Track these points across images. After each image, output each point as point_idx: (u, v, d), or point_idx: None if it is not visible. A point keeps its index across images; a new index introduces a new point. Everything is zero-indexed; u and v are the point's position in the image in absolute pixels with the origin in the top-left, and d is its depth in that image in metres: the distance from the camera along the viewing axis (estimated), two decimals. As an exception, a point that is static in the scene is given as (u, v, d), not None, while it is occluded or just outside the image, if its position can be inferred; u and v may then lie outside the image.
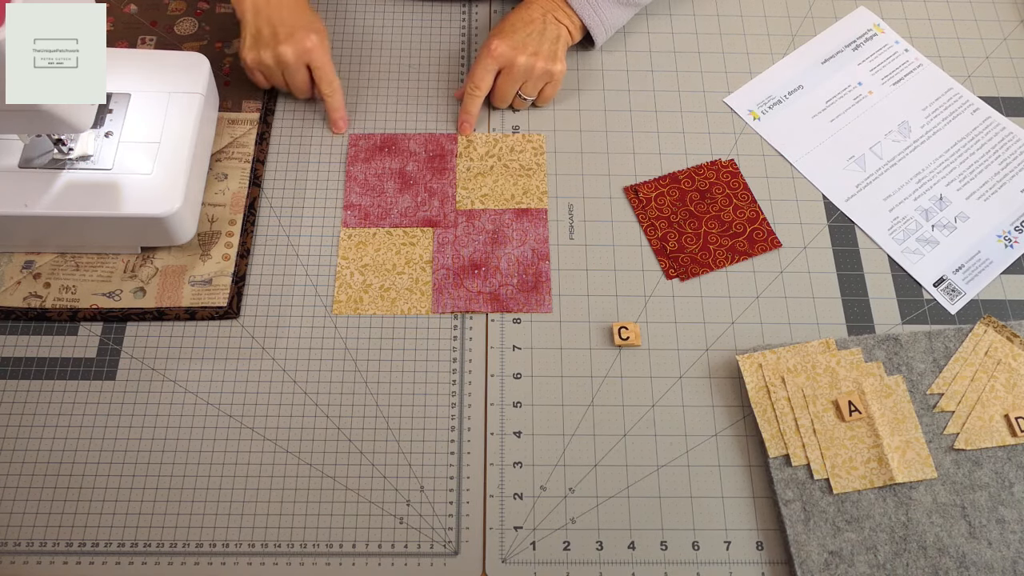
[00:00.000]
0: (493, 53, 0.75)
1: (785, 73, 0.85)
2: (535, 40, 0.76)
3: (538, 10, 0.77)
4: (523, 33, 0.76)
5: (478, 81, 0.76)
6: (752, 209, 0.77)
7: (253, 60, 0.76)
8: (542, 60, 0.76)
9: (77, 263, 0.72)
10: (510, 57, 0.75)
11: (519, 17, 0.77)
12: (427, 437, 0.67)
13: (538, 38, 0.76)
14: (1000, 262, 0.75)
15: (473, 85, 0.77)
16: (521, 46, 0.75)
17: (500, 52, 0.75)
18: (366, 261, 0.74)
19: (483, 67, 0.76)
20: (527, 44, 0.76)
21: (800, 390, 0.67)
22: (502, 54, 0.75)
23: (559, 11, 0.78)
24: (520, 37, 0.76)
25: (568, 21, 0.78)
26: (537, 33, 0.76)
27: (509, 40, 0.75)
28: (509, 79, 0.77)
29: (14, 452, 0.66)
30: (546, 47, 0.76)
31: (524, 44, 0.76)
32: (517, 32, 0.76)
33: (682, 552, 0.63)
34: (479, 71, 0.76)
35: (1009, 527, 0.63)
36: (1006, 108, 0.83)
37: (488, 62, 0.76)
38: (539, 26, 0.77)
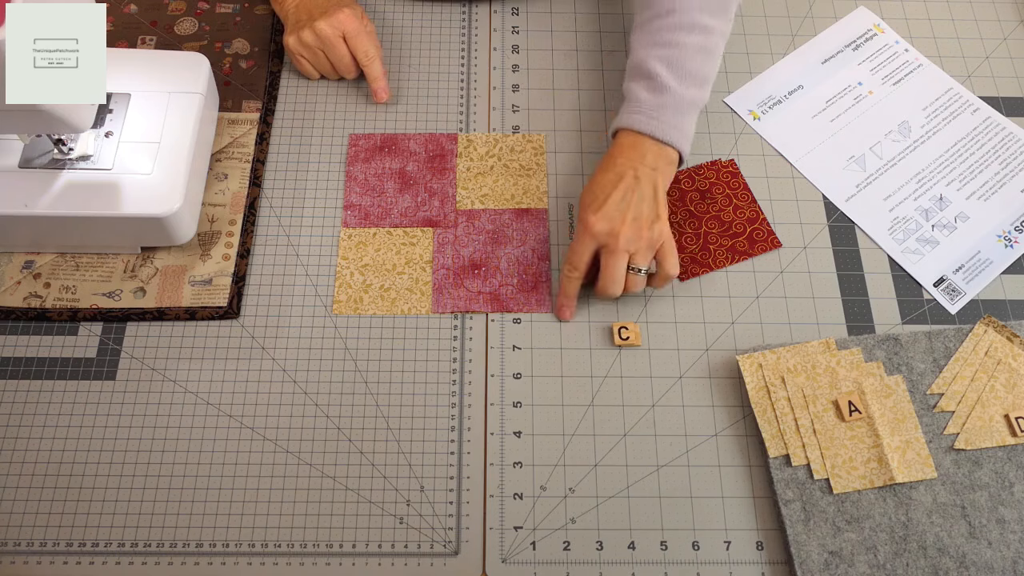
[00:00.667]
0: (591, 230, 0.66)
1: (785, 73, 0.85)
2: (634, 203, 0.67)
3: (625, 164, 0.69)
4: (616, 197, 0.67)
5: (576, 262, 0.68)
6: (752, 209, 0.77)
7: (294, 42, 0.78)
8: (646, 227, 0.66)
9: (77, 263, 0.72)
10: (610, 230, 0.66)
11: (606, 179, 0.68)
12: (427, 437, 0.67)
13: (636, 199, 0.67)
14: (1000, 262, 0.75)
15: (571, 267, 0.68)
16: (619, 216, 0.66)
17: (599, 228, 0.66)
18: (366, 261, 0.74)
19: (581, 245, 0.67)
20: (625, 210, 0.66)
21: (800, 390, 0.67)
22: (601, 230, 0.66)
23: (647, 155, 0.69)
24: (615, 204, 0.67)
25: (662, 162, 0.70)
26: (631, 192, 0.67)
27: (605, 211, 0.66)
28: (614, 258, 0.67)
29: (14, 452, 0.66)
30: (646, 209, 0.67)
31: (622, 212, 0.66)
32: (609, 198, 0.67)
33: (682, 552, 0.63)
34: (578, 251, 0.68)
35: (1009, 527, 0.63)
36: (1006, 108, 0.83)
37: (586, 240, 0.67)
38: (631, 183, 0.67)
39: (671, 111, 0.70)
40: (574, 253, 0.68)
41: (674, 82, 0.70)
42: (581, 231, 0.68)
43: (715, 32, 0.71)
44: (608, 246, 0.67)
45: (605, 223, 0.66)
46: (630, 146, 0.70)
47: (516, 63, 0.85)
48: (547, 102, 0.82)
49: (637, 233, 0.66)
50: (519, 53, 0.85)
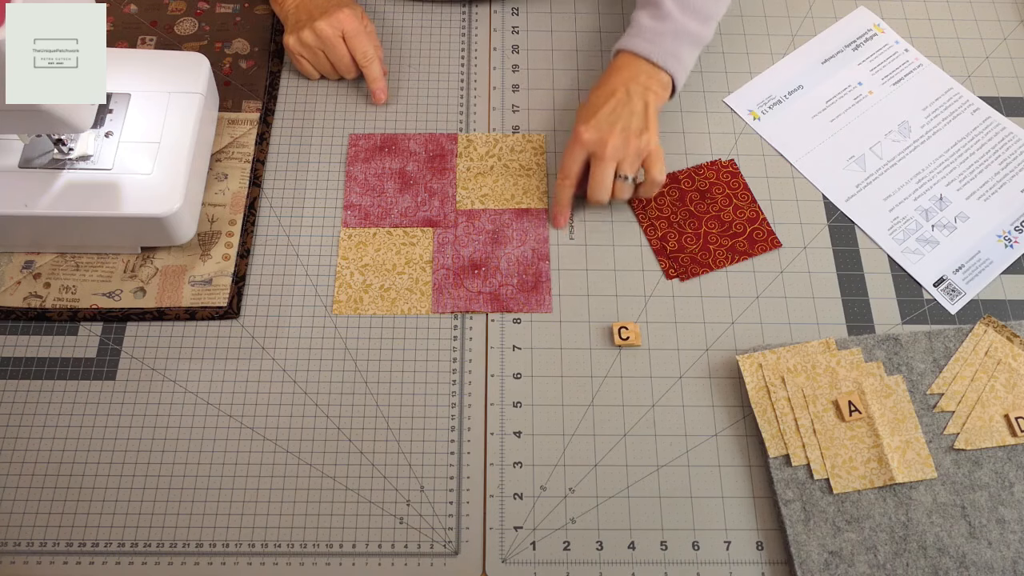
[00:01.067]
0: (580, 139, 0.70)
1: (785, 73, 0.85)
2: (623, 116, 0.70)
3: (618, 81, 0.72)
4: (607, 110, 0.71)
5: (567, 170, 0.72)
6: (752, 209, 0.77)
7: (294, 42, 0.79)
8: (633, 136, 0.70)
9: (77, 263, 0.72)
10: (599, 139, 0.70)
11: (599, 95, 0.72)
12: (427, 437, 0.67)
13: (626, 113, 0.70)
14: (1000, 262, 0.75)
15: (563, 175, 0.72)
16: (608, 126, 0.70)
17: (587, 137, 0.70)
18: (366, 261, 0.74)
19: (571, 155, 0.72)
20: (614, 121, 0.70)
21: (800, 390, 0.67)
22: (590, 139, 0.70)
23: (640, 75, 0.72)
24: (605, 116, 0.70)
25: (655, 83, 0.73)
26: (622, 106, 0.71)
27: (595, 122, 0.70)
28: (602, 164, 0.70)
29: (14, 452, 0.66)
30: (635, 122, 0.70)
31: (611, 123, 0.70)
32: (600, 110, 0.71)
33: (682, 552, 0.63)
34: (568, 160, 0.72)
35: (1009, 527, 0.63)
36: (1006, 108, 0.83)
37: (576, 149, 0.71)
38: (623, 97, 0.71)
39: (670, 37, 0.73)
40: (565, 161, 0.72)
41: (677, 11, 0.73)
42: (572, 140, 0.72)
43: None
44: (596, 154, 0.71)
45: (594, 132, 0.70)
46: (625, 66, 0.73)
47: (516, 63, 0.85)
48: (547, 102, 0.82)
49: (624, 142, 0.70)
50: (519, 53, 0.85)
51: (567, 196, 0.73)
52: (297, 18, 0.79)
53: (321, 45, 0.78)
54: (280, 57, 0.84)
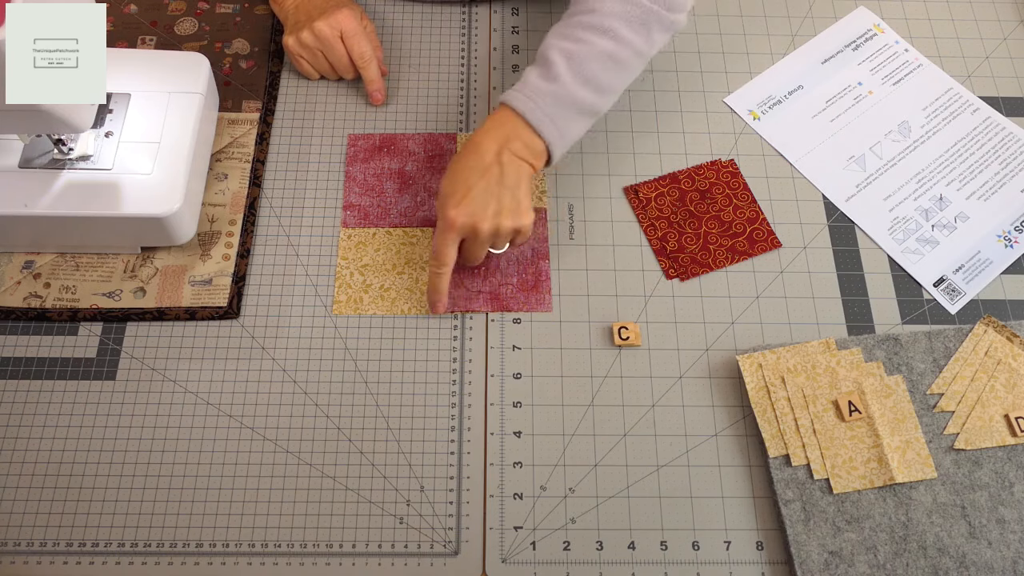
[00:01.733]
0: (454, 225, 0.65)
1: (785, 73, 0.85)
2: (495, 195, 0.66)
3: (491, 149, 0.66)
4: (480, 189, 0.65)
5: (444, 257, 0.66)
6: (752, 209, 0.77)
7: (293, 43, 0.79)
8: (508, 218, 0.66)
9: (77, 263, 0.72)
10: (472, 225, 0.65)
11: (471, 165, 0.66)
12: (427, 437, 0.67)
13: (498, 190, 0.66)
14: (1000, 262, 0.75)
15: (438, 263, 0.67)
16: (481, 209, 0.65)
17: (461, 223, 0.65)
18: (366, 261, 0.74)
19: (444, 241, 0.66)
20: (487, 203, 0.65)
21: (800, 390, 0.67)
22: (464, 224, 0.65)
23: (515, 140, 0.67)
24: (478, 195, 0.65)
25: (527, 151, 0.67)
26: (496, 183, 0.66)
27: (467, 205, 0.65)
28: (476, 244, 0.67)
29: (14, 452, 0.66)
30: (508, 200, 0.66)
31: (484, 205, 0.65)
32: (473, 189, 0.65)
33: (682, 552, 0.63)
34: (442, 246, 0.66)
35: (1009, 527, 0.63)
36: (1006, 108, 0.83)
37: (449, 235, 0.66)
38: (496, 173, 0.66)
39: (552, 100, 0.67)
40: (439, 248, 0.67)
41: (568, 75, 0.67)
42: (444, 226, 0.66)
43: (628, 45, 0.68)
44: (469, 237, 0.67)
45: (467, 217, 0.65)
46: (501, 123, 0.68)
47: (516, 63, 0.85)
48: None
49: (498, 224, 0.66)
50: (519, 53, 0.85)
51: (445, 284, 0.68)
52: (296, 19, 0.79)
53: (320, 46, 0.78)
54: (280, 57, 0.84)
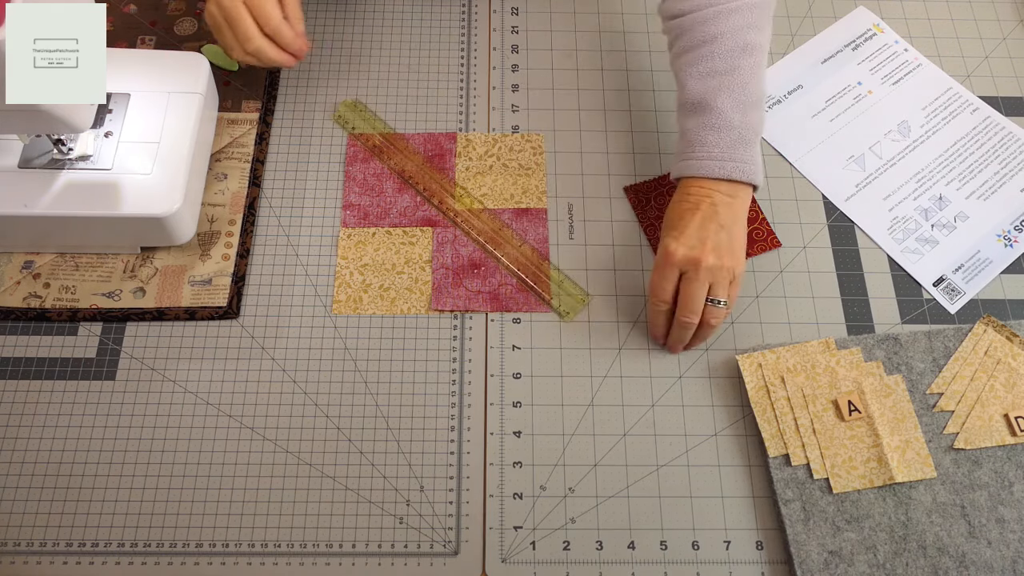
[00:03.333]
0: (673, 257, 0.64)
1: (785, 73, 0.85)
2: (712, 231, 0.64)
3: (700, 193, 0.66)
4: (696, 224, 0.65)
5: (662, 293, 0.65)
6: (752, 209, 0.77)
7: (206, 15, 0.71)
8: (726, 254, 0.64)
9: (77, 263, 0.72)
10: (691, 258, 0.64)
11: (683, 208, 0.66)
12: (427, 437, 0.67)
13: (714, 227, 0.64)
14: (1000, 262, 0.75)
15: (657, 298, 0.66)
16: (699, 242, 0.64)
17: (681, 255, 0.64)
18: (365, 261, 0.74)
19: (663, 275, 0.65)
20: (705, 239, 0.64)
21: (800, 390, 0.67)
22: (682, 257, 0.64)
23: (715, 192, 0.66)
24: (694, 231, 0.64)
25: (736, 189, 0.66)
26: (709, 220, 0.65)
27: (684, 238, 0.64)
28: (695, 284, 0.64)
29: (14, 452, 0.66)
30: (724, 237, 0.64)
31: (702, 239, 0.64)
32: (689, 225, 0.65)
33: (682, 552, 0.64)
34: (660, 280, 0.66)
35: (1009, 527, 0.63)
36: (1006, 108, 0.83)
37: (668, 268, 0.65)
38: (708, 211, 0.65)
39: (740, 146, 0.66)
40: (657, 282, 0.66)
41: (735, 113, 0.66)
42: (663, 259, 0.65)
43: (763, 49, 0.68)
44: (688, 273, 0.65)
45: (686, 249, 0.64)
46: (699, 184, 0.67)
47: (516, 63, 0.85)
48: (547, 102, 0.82)
49: (718, 260, 0.64)
50: (519, 53, 0.85)
51: (665, 321, 0.67)
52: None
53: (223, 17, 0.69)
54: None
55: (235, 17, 0.69)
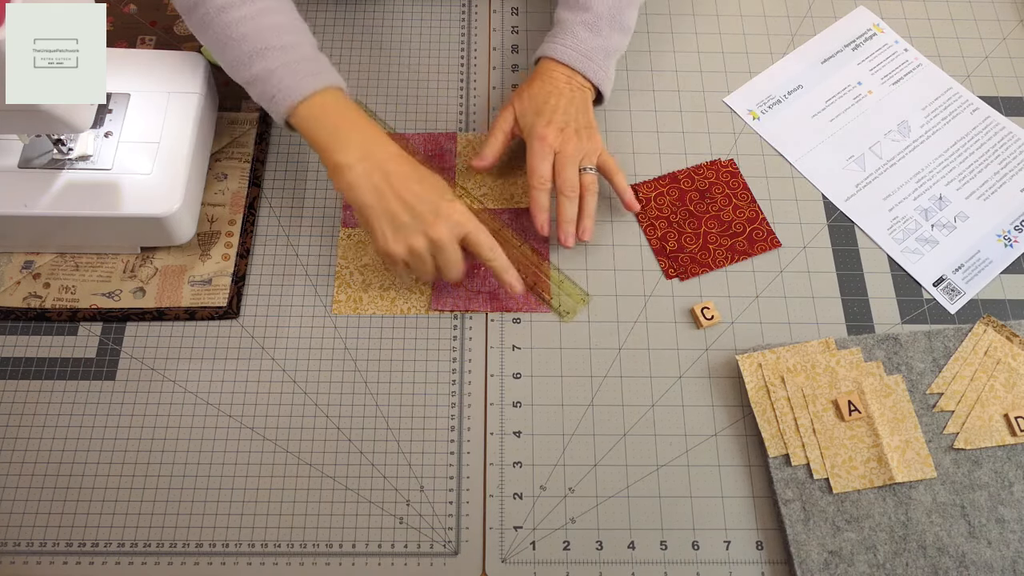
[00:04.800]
0: (547, 140, 0.71)
1: (785, 73, 0.85)
2: (573, 114, 0.72)
3: (560, 79, 0.73)
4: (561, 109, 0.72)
5: (543, 174, 0.70)
6: (752, 209, 0.77)
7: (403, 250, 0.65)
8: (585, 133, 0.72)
9: (77, 263, 0.72)
10: (562, 140, 0.71)
11: (547, 90, 0.73)
12: (427, 437, 0.67)
13: (573, 111, 0.72)
14: (1000, 262, 0.75)
15: (539, 179, 0.70)
16: (564, 124, 0.72)
17: (552, 139, 0.71)
18: (365, 261, 0.74)
19: (541, 157, 0.71)
20: (568, 121, 0.72)
21: (800, 390, 0.67)
22: (554, 140, 0.71)
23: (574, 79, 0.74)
24: (560, 115, 0.72)
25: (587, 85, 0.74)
26: (569, 104, 0.72)
27: (556, 123, 0.71)
28: (569, 162, 0.71)
29: (14, 452, 0.66)
30: (583, 119, 0.73)
31: (566, 122, 0.72)
32: (557, 109, 0.72)
33: (682, 552, 0.64)
34: (539, 163, 0.70)
35: (1009, 527, 0.63)
36: (1006, 108, 0.83)
37: (545, 150, 0.71)
38: (568, 96, 0.73)
39: (602, 54, 0.74)
40: (536, 165, 0.71)
41: (609, 27, 0.74)
42: (537, 143, 0.71)
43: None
44: (560, 154, 0.71)
45: (556, 132, 0.71)
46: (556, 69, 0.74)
47: (516, 63, 0.85)
48: (547, 102, 0.82)
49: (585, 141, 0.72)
50: (519, 53, 0.85)
51: (548, 199, 0.71)
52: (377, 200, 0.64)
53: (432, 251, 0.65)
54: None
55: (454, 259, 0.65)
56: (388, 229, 0.64)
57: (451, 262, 0.65)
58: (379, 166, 0.64)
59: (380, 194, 0.64)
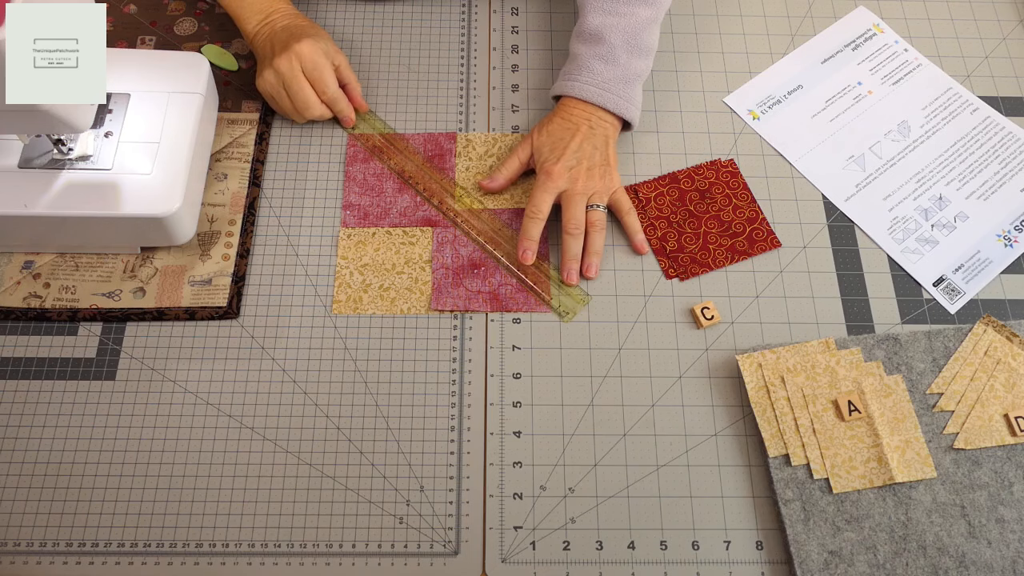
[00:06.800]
0: (553, 178, 0.72)
1: (785, 73, 0.85)
2: (587, 152, 0.73)
3: (580, 116, 0.74)
4: (574, 146, 0.72)
5: (540, 208, 0.71)
6: (752, 209, 0.77)
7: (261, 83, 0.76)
8: (598, 172, 0.73)
9: (77, 263, 0.72)
10: (570, 177, 0.72)
11: (565, 127, 0.74)
12: (427, 437, 0.67)
13: (589, 148, 0.73)
14: (1000, 261, 0.75)
15: (535, 209, 0.71)
16: (576, 162, 0.72)
17: (560, 176, 0.72)
18: (365, 261, 0.74)
19: (544, 193, 0.72)
20: (581, 159, 0.72)
21: (800, 390, 0.67)
22: (562, 178, 0.72)
23: (595, 114, 0.74)
24: (572, 152, 0.72)
25: (608, 121, 0.75)
26: (586, 141, 0.73)
27: (565, 161, 0.72)
28: (575, 199, 0.72)
29: (14, 452, 0.66)
30: (599, 157, 0.73)
31: (579, 160, 0.72)
32: (568, 147, 0.72)
33: (682, 552, 0.64)
34: (540, 198, 0.72)
35: (1009, 527, 0.63)
36: (1005, 108, 0.83)
37: (549, 187, 0.72)
38: (586, 133, 0.73)
39: (621, 84, 0.74)
40: (537, 199, 0.72)
41: (626, 55, 0.74)
42: (544, 179, 0.72)
43: (663, 6, 0.76)
44: (568, 191, 0.72)
45: (564, 170, 0.72)
46: (576, 106, 0.75)
47: (516, 63, 0.85)
48: (546, 102, 0.82)
49: (592, 178, 0.73)
50: (519, 53, 0.85)
51: (538, 231, 0.72)
52: (263, 54, 0.76)
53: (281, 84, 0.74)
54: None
55: (295, 88, 0.74)
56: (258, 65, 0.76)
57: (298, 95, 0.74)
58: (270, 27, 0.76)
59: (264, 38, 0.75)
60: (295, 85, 0.74)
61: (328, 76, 0.75)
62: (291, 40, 0.73)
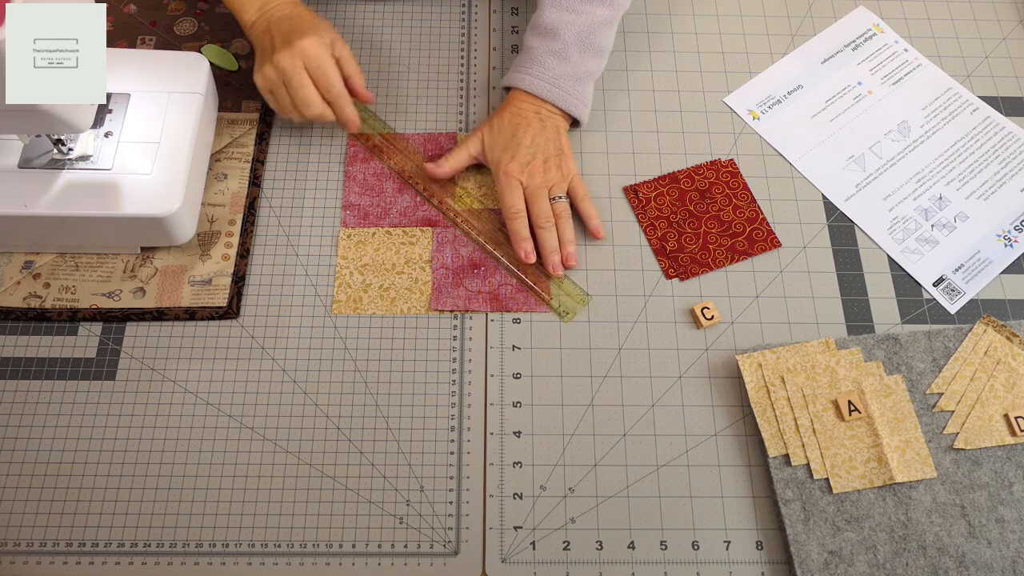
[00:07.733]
0: (512, 175, 0.72)
1: (785, 73, 0.85)
2: (542, 145, 0.73)
3: (529, 110, 0.74)
4: (527, 141, 0.73)
5: (515, 206, 0.72)
6: (752, 209, 0.77)
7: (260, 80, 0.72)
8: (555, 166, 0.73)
9: (77, 263, 0.72)
10: (529, 172, 0.73)
11: (515, 123, 0.74)
12: (427, 437, 0.67)
13: (542, 141, 0.73)
14: (1000, 262, 0.75)
15: (513, 209, 0.72)
16: (530, 157, 0.73)
17: (518, 173, 0.72)
18: (365, 261, 0.74)
19: (511, 192, 0.72)
20: (535, 153, 0.73)
21: (800, 390, 0.67)
22: (520, 174, 0.72)
23: (543, 108, 0.75)
24: (526, 147, 0.73)
25: (557, 114, 0.76)
26: (538, 134, 0.74)
27: (520, 159, 0.72)
28: (538, 193, 0.72)
29: (14, 452, 0.66)
30: (552, 148, 0.74)
31: (533, 154, 0.73)
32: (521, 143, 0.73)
33: (682, 552, 0.64)
34: (510, 197, 0.72)
35: (1009, 527, 0.63)
36: (1005, 108, 0.83)
37: (513, 184, 0.72)
38: (538, 127, 0.74)
39: (571, 81, 0.75)
40: (508, 199, 0.72)
41: (578, 53, 0.74)
42: (504, 179, 0.72)
43: (620, 7, 0.76)
44: (529, 185, 0.72)
45: (520, 165, 0.72)
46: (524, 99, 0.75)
47: (516, 63, 0.85)
48: (547, 102, 0.82)
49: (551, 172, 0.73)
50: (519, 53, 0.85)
51: (526, 228, 0.72)
52: (263, 47, 0.72)
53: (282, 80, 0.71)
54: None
55: (296, 84, 0.70)
56: (256, 58, 0.73)
57: (299, 93, 0.70)
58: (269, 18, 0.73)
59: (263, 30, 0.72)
60: (296, 81, 0.70)
61: (333, 75, 0.71)
62: (293, 35, 0.70)
